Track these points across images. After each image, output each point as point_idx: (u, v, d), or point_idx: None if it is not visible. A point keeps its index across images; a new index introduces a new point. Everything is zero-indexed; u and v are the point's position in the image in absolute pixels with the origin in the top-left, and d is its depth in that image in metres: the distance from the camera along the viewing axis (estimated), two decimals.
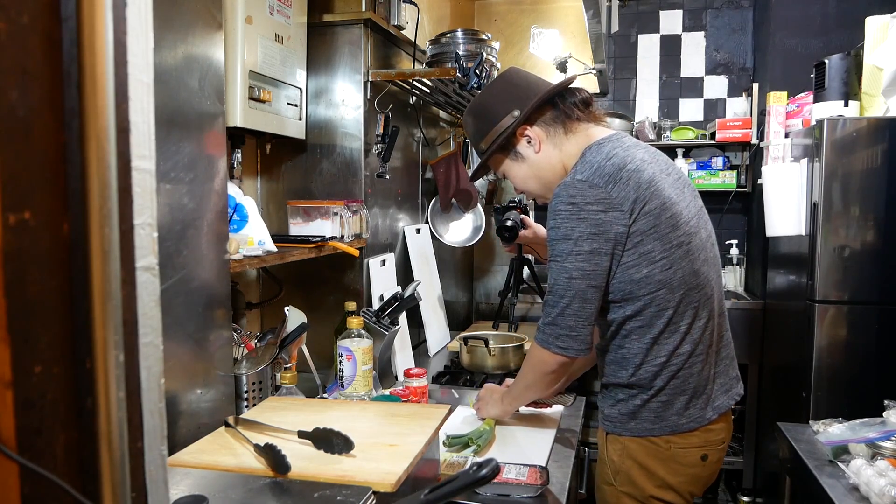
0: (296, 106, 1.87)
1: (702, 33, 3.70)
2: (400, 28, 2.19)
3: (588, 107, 1.47)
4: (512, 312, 2.79)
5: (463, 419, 1.74)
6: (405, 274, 2.43)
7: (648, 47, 3.77)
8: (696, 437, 1.38)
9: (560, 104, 1.45)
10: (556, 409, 1.84)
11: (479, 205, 2.86)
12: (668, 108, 3.76)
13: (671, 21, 3.73)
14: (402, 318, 2.18)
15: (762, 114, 3.19)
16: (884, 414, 1.63)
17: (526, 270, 2.88)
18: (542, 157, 1.46)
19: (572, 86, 1.49)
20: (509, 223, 2.45)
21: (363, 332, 1.78)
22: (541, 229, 2.13)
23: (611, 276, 1.34)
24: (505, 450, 1.54)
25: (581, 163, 1.38)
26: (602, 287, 1.34)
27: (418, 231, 2.56)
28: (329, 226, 1.86)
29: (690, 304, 1.35)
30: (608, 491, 1.45)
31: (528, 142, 1.46)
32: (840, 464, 1.55)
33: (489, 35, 2.33)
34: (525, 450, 1.56)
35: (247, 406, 1.46)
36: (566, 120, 1.45)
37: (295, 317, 1.72)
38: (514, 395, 1.61)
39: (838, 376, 2.33)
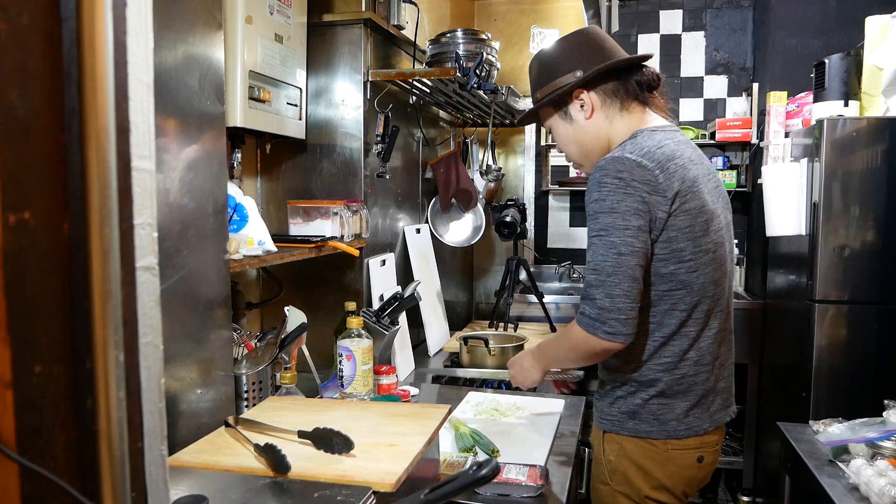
0: (296, 106, 1.87)
1: (702, 33, 3.69)
2: (400, 28, 2.19)
3: (652, 91, 1.42)
4: (507, 312, 2.79)
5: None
6: (405, 274, 2.43)
7: (648, 47, 3.76)
8: (693, 440, 1.38)
9: (626, 79, 1.40)
10: (557, 408, 1.84)
11: (478, 205, 2.86)
12: None
13: (671, 21, 3.73)
14: (402, 318, 2.18)
15: (762, 114, 3.19)
16: (884, 414, 1.63)
17: (522, 272, 2.88)
18: (590, 125, 1.41)
19: (646, 65, 1.43)
20: (508, 219, 2.45)
21: (363, 332, 1.78)
22: None
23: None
24: (505, 450, 1.54)
25: (632, 143, 1.34)
26: (645, 268, 1.28)
27: (418, 231, 2.56)
28: (329, 226, 1.86)
29: (702, 311, 1.34)
30: (604, 490, 1.44)
31: (581, 106, 1.41)
32: (840, 464, 1.55)
33: (489, 35, 2.33)
34: (525, 450, 1.56)
35: (247, 406, 1.46)
36: (626, 97, 1.39)
37: (295, 317, 1.72)
38: (553, 359, 1.50)
39: (838, 376, 2.33)
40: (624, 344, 1.27)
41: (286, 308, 1.73)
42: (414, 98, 2.41)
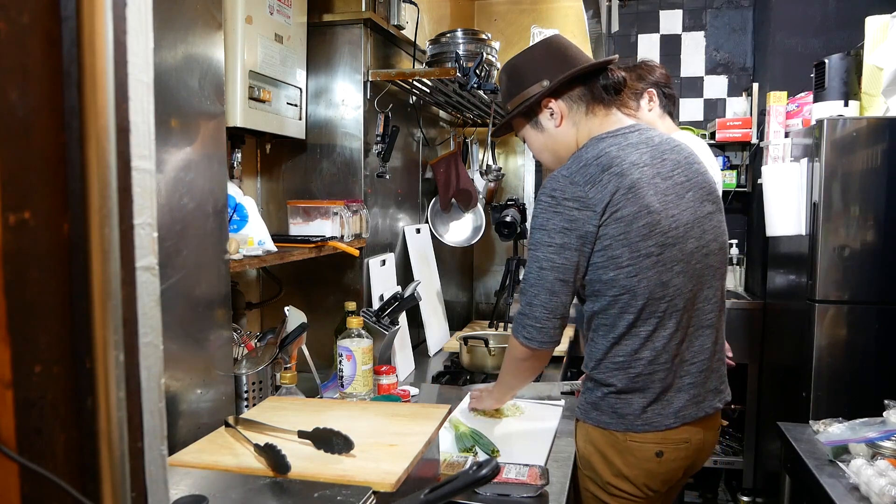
0: (296, 106, 1.87)
1: (702, 33, 3.70)
2: (400, 28, 2.19)
3: (618, 93, 1.44)
4: (507, 312, 2.79)
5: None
6: (405, 274, 2.43)
7: (648, 47, 3.77)
8: (652, 435, 1.39)
9: (590, 83, 1.43)
10: (557, 408, 1.84)
11: (478, 205, 2.86)
12: None
13: (671, 21, 3.73)
14: (402, 318, 2.18)
15: (762, 114, 3.19)
16: (884, 414, 1.63)
17: (522, 272, 2.88)
18: (560, 133, 1.45)
19: (613, 68, 1.46)
20: (508, 219, 2.45)
21: (363, 331, 1.78)
22: None
23: (580, 272, 1.37)
24: (505, 450, 1.54)
25: (575, 156, 1.40)
26: (571, 282, 1.36)
27: (418, 231, 2.56)
28: (329, 226, 1.86)
29: (654, 312, 1.35)
30: (579, 475, 1.51)
31: (551, 114, 1.45)
32: (840, 464, 1.55)
33: (489, 35, 2.33)
34: (525, 450, 1.56)
35: (247, 406, 1.46)
36: (591, 100, 1.43)
37: (295, 317, 1.72)
38: (502, 383, 1.65)
39: (838, 376, 2.33)
40: (542, 350, 1.41)
41: (286, 308, 1.73)
42: (414, 98, 2.41)
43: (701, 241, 1.40)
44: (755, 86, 3.40)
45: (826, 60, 2.48)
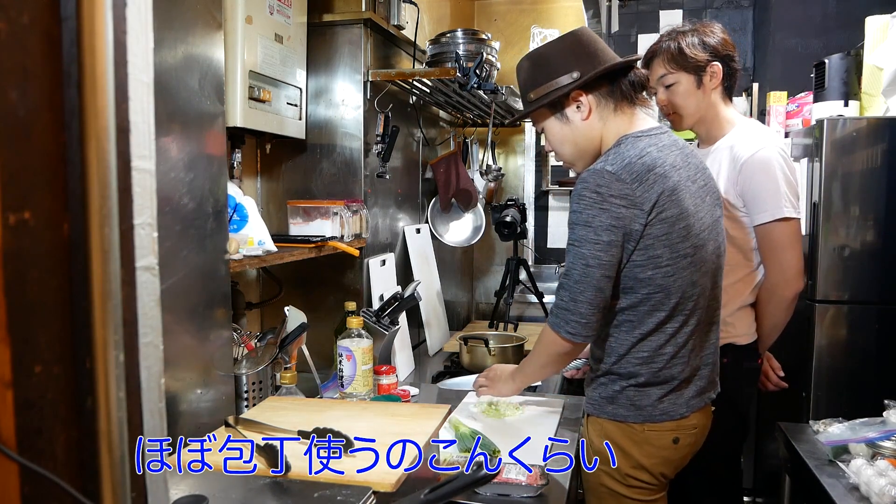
0: (296, 106, 1.87)
1: None
2: (400, 28, 2.19)
3: (642, 91, 1.46)
4: (507, 312, 2.79)
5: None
6: (405, 274, 2.43)
7: (648, 47, 3.76)
8: (669, 424, 1.43)
9: (619, 80, 1.43)
10: (557, 407, 1.84)
11: (478, 205, 2.86)
12: None
13: (671, 21, 3.72)
14: (402, 318, 2.18)
15: (762, 114, 3.19)
16: (884, 414, 1.63)
17: (522, 272, 2.88)
18: (585, 126, 1.45)
19: (636, 67, 1.47)
20: (508, 219, 2.45)
21: (363, 331, 1.78)
22: None
23: (620, 267, 1.37)
24: (505, 449, 1.54)
25: (615, 153, 1.38)
26: (614, 277, 1.37)
27: (418, 231, 2.56)
28: (329, 226, 1.86)
29: (683, 311, 1.39)
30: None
31: (578, 107, 1.44)
32: (840, 464, 1.55)
33: (489, 35, 2.33)
34: (525, 450, 1.56)
35: (247, 406, 1.46)
36: (619, 98, 1.44)
37: (295, 317, 1.72)
38: (526, 373, 1.64)
39: (838, 376, 2.33)
40: (584, 343, 1.42)
41: (286, 308, 1.73)
42: (414, 98, 2.41)
43: (716, 243, 1.46)
44: (755, 86, 3.39)
45: (826, 60, 2.48)
